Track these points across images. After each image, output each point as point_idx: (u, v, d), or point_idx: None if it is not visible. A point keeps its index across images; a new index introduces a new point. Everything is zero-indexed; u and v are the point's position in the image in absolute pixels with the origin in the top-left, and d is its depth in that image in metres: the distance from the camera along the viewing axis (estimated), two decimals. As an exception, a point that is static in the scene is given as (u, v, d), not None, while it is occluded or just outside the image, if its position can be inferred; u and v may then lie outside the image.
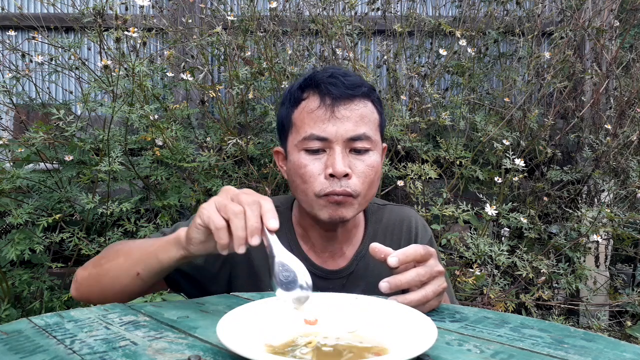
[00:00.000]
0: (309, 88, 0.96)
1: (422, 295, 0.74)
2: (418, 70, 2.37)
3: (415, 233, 1.09)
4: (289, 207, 1.09)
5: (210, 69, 2.26)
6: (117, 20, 1.59)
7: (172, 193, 1.94)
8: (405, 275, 0.74)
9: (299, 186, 0.96)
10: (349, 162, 0.93)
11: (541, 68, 2.49)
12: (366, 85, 0.97)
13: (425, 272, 0.75)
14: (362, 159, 0.95)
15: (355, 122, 0.93)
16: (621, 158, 2.30)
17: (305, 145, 0.94)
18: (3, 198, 1.80)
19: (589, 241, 2.14)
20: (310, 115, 0.94)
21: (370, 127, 0.96)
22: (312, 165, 0.94)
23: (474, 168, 2.16)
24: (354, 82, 0.95)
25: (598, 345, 0.62)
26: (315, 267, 1.04)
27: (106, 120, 1.77)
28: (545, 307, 2.19)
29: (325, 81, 0.94)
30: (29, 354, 0.59)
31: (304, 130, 0.94)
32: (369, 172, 0.95)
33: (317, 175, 0.93)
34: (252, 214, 0.70)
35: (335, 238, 1.04)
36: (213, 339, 0.63)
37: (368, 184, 0.95)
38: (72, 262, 1.87)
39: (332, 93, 0.93)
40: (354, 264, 1.05)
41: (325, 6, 2.24)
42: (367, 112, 0.96)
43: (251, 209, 0.71)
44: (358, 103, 0.95)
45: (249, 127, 2.14)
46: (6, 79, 1.99)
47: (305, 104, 0.96)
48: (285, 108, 1.00)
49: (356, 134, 0.93)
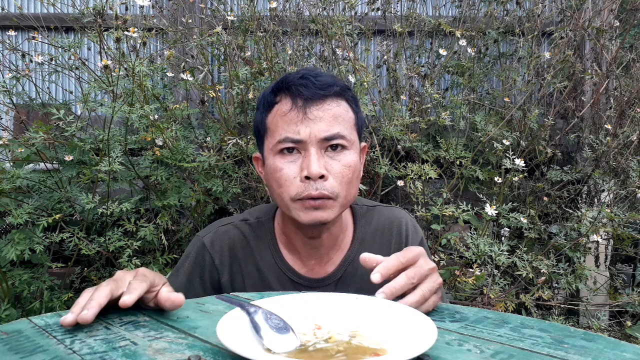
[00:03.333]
0: (281, 91, 0.95)
1: (420, 295, 0.73)
2: (418, 70, 2.37)
3: (405, 235, 1.08)
4: (270, 217, 1.08)
5: (210, 69, 2.26)
6: (117, 20, 1.59)
7: (172, 193, 1.94)
8: (397, 281, 0.73)
9: (275, 190, 0.95)
10: (324, 163, 0.92)
11: (541, 68, 2.49)
12: (338, 85, 0.96)
13: (414, 274, 0.74)
14: (338, 159, 0.93)
15: (328, 122, 0.92)
16: (621, 158, 2.30)
17: (280, 148, 0.93)
18: (3, 198, 1.80)
19: (589, 241, 2.14)
20: (283, 118, 0.93)
21: (345, 126, 0.94)
22: (288, 169, 0.92)
23: (474, 168, 2.16)
24: (325, 82, 0.94)
25: (598, 345, 0.62)
26: (299, 277, 1.04)
27: (106, 120, 1.77)
28: (545, 307, 2.19)
29: (297, 83, 0.93)
30: (29, 354, 0.59)
31: (278, 134, 0.93)
32: (346, 172, 0.93)
33: (293, 178, 0.92)
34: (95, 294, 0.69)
35: (321, 244, 1.03)
36: (213, 339, 0.63)
37: (346, 184, 0.94)
38: (72, 262, 1.87)
39: (303, 94, 0.92)
40: (342, 270, 1.04)
41: (325, 6, 2.24)
42: (340, 111, 0.95)
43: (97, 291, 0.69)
44: (330, 103, 0.94)
45: (249, 127, 2.14)
46: (6, 79, 1.99)
47: (278, 107, 0.95)
48: (260, 113, 0.99)
49: (330, 134, 0.92)
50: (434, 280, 0.76)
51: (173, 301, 0.71)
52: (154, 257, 1.94)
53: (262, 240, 1.06)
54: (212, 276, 1.05)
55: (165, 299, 0.71)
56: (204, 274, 1.05)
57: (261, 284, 1.04)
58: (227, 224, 1.08)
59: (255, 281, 1.05)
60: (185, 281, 1.06)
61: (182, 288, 1.04)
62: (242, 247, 1.06)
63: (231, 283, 1.05)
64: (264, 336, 0.61)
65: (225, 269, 1.05)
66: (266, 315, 0.64)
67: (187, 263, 1.07)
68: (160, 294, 0.72)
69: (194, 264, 1.06)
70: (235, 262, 1.05)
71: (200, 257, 1.05)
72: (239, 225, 1.07)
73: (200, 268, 1.05)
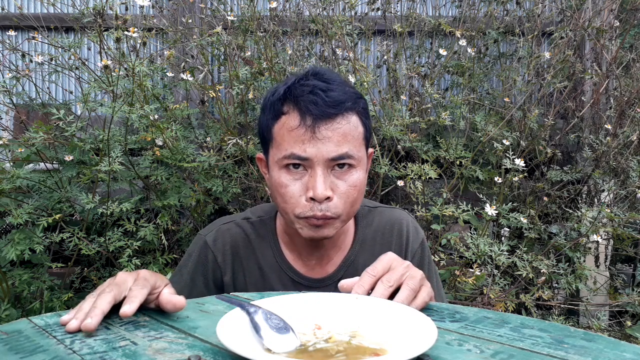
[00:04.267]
0: (288, 102, 0.91)
1: (408, 290, 0.74)
2: (418, 70, 2.37)
3: (406, 237, 1.08)
4: (272, 216, 1.08)
5: (210, 69, 2.26)
6: (117, 20, 1.59)
7: (172, 193, 1.94)
8: (376, 292, 0.75)
9: (279, 204, 0.95)
10: (330, 183, 0.90)
11: (541, 68, 2.49)
12: (350, 99, 0.91)
13: (389, 278, 0.76)
14: (344, 179, 0.92)
15: (337, 142, 0.89)
16: (621, 158, 2.30)
17: (285, 163, 0.91)
18: (3, 198, 1.80)
19: (589, 241, 2.14)
20: (291, 134, 0.90)
21: (354, 144, 0.92)
22: (293, 186, 0.91)
23: (474, 168, 2.16)
24: (336, 99, 0.89)
25: (598, 345, 0.62)
26: (300, 276, 1.04)
27: (106, 120, 1.76)
28: (545, 307, 2.19)
29: (306, 99, 0.89)
30: (29, 354, 0.59)
31: (284, 148, 0.90)
32: (351, 192, 0.92)
33: (298, 197, 0.91)
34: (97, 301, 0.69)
35: (322, 245, 1.03)
36: (213, 339, 0.63)
37: (350, 203, 0.93)
38: (72, 262, 1.87)
39: (312, 113, 0.88)
40: (343, 270, 1.04)
41: (325, 6, 2.24)
42: (350, 128, 0.91)
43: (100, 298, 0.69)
44: (341, 121, 0.90)
45: (249, 127, 2.14)
46: (6, 79, 1.99)
47: (286, 120, 0.91)
48: (266, 118, 0.96)
49: (338, 154, 0.89)
50: (413, 277, 0.77)
51: (175, 304, 0.71)
52: (154, 257, 1.94)
53: (264, 239, 1.07)
54: (215, 274, 1.05)
55: (166, 301, 0.71)
56: (207, 272, 1.06)
57: (262, 283, 1.05)
58: (229, 222, 1.08)
59: (256, 280, 1.05)
60: (189, 280, 1.06)
61: (186, 287, 1.05)
62: (244, 245, 1.06)
63: (233, 281, 1.05)
64: (264, 336, 0.61)
65: (227, 266, 1.05)
66: (266, 315, 0.64)
67: (189, 262, 1.07)
68: (161, 296, 0.72)
69: (197, 262, 1.06)
70: (237, 260, 1.06)
71: (202, 255, 1.06)
72: (240, 224, 1.07)
73: (203, 266, 1.06)
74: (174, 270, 1.17)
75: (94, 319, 0.65)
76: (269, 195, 1.99)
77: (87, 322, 0.64)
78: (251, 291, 1.04)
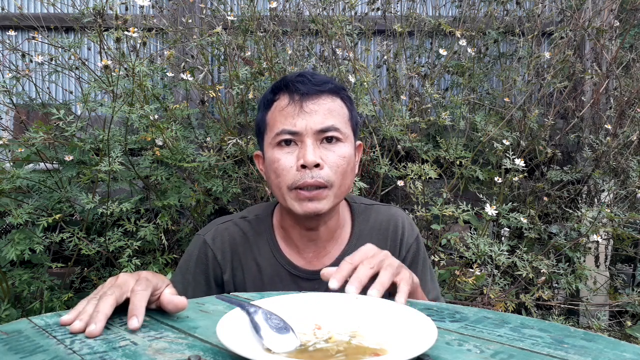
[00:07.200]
0: (279, 90, 1.01)
1: (390, 273, 0.78)
2: (418, 70, 2.37)
3: (402, 232, 1.12)
4: (269, 213, 1.12)
5: (210, 69, 2.26)
6: (117, 20, 1.59)
7: (172, 193, 1.94)
8: (358, 272, 0.78)
9: (273, 181, 1.00)
10: (320, 153, 0.97)
11: (541, 68, 2.49)
12: (334, 83, 1.02)
13: (370, 262, 0.80)
14: (332, 150, 0.98)
15: (323, 115, 0.97)
16: (621, 158, 2.30)
17: (278, 140, 0.98)
18: (3, 198, 1.80)
19: (589, 241, 2.14)
20: (281, 113, 0.98)
21: (340, 120, 1.00)
22: (285, 159, 0.97)
23: (474, 168, 2.16)
24: (321, 79, 1.01)
25: (598, 345, 0.62)
26: (297, 269, 1.06)
27: (106, 120, 1.76)
28: (545, 307, 2.19)
29: (294, 80, 0.99)
30: (29, 354, 0.59)
31: (276, 127, 0.98)
32: (340, 162, 0.98)
33: (290, 167, 0.97)
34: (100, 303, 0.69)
35: (318, 237, 1.06)
36: (213, 339, 0.63)
37: (341, 174, 0.98)
38: (72, 262, 1.87)
39: (300, 90, 0.98)
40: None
41: (325, 6, 2.24)
42: (335, 106, 1.00)
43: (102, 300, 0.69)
44: (326, 98, 0.99)
45: (249, 127, 2.14)
46: (6, 79, 1.99)
47: (277, 104, 1.00)
48: (261, 112, 1.04)
49: (325, 126, 0.97)
50: (391, 263, 0.81)
51: (176, 304, 0.72)
52: (154, 257, 1.94)
53: (261, 235, 1.09)
54: (216, 272, 1.07)
55: (168, 301, 0.72)
56: (207, 271, 1.07)
57: (260, 279, 1.06)
58: (226, 221, 1.11)
59: (254, 276, 1.07)
60: (190, 279, 1.07)
61: (188, 287, 1.06)
62: (242, 243, 1.08)
63: (233, 279, 1.07)
64: (264, 336, 0.61)
65: (227, 264, 1.07)
66: (266, 315, 0.64)
67: (190, 262, 1.08)
68: (163, 297, 0.72)
69: (197, 261, 1.08)
70: (235, 258, 1.08)
71: (202, 254, 1.08)
72: (238, 222, 1.10)
73: (204, 265, 1.07)
74: (174, 270, 1.18)
75: (98, 325, 0.65)
76: (269, 195, 1.99)
77: (92, 329, 0.65)
78: (250, 288, 1.05)
